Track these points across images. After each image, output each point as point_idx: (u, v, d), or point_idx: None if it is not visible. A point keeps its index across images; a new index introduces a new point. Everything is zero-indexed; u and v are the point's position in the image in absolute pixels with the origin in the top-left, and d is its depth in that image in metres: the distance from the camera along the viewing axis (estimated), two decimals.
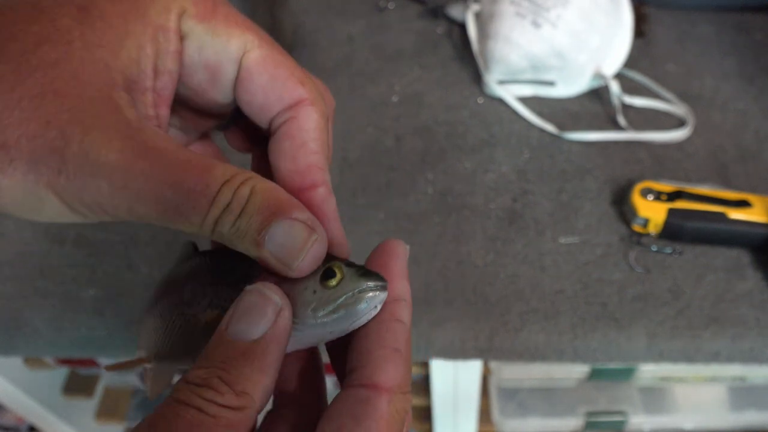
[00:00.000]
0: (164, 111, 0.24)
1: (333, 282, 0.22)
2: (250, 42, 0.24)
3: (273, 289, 0.22)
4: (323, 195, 0.25)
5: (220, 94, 0.25)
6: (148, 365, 0.28)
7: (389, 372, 0.21)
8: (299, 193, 0.24)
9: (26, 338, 0.48)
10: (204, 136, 0.30)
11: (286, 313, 0.22)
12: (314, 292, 0.22)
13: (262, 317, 0.21)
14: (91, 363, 0.77)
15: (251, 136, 0.29)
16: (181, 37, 0.23)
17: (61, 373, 0.85)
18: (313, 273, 0.23)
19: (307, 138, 0.25)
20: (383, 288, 0.23)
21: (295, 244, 0.22)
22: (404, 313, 0.23)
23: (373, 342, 0.22)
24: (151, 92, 0.23)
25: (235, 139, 0.30)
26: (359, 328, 0.23)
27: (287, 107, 0.25)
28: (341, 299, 0.22)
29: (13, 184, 0.20)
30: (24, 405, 0.77)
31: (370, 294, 0.22)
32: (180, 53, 0.23)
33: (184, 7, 0.23)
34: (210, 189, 0.21)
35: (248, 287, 0.22)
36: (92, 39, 0.21)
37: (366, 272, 0.23)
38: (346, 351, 0.23)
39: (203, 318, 0.24)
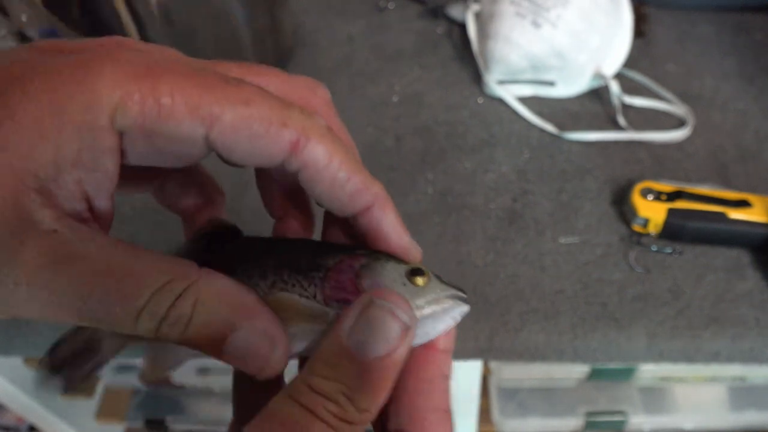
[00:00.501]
0: (104, 203, 0.21)
1: (421, 281, 0.22)
2: (214, 113, 0.20)
3: (402, 306, 0.21)
4: (378, 214, 0.24)
5: (195, 157, 0.23)
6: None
7: None
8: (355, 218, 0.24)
9: (26, 338, 0.48)
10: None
11: (412, 333, 0.21)
12: (404, 284, 0.22)
13: (389, 336, 0.20)
14: None
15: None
16: (120, 132, 0.20)
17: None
18: (399, 265, 0.22)
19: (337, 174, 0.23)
20: (466, 301, 0.22)
21: (259, 353, 0.21)
22: (451, 366, 0.24)
23: (426, 402, 0.22)
24: (79, 190, 0.20)
25: None
26: (408, 381, 0.22)
27: (288, 153, 0.22)
28: (430, 298, 0.22)
29: None
30: (24, 405, 0.77)
31: (458, 304, 0.22)
32: (118, 149, 0.20)
33: (116, 102, 0.19)
34: (133, 299, 0.19)
35: (375, 299, 0.21)
36: None
37: (448, 282, 0.22)
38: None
39: (267, 300, 0.23)
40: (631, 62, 0.63)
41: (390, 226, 0.24)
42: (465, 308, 0.22)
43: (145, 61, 0.20)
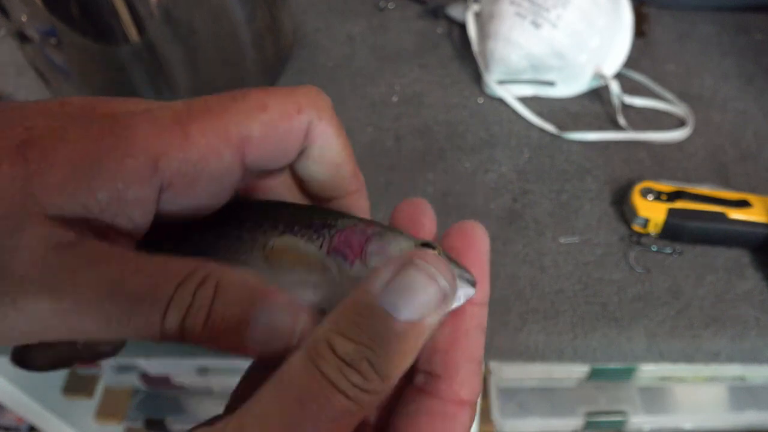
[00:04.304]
0: (127, 242, 0.21)
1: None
2: (243, 134, 0.21)
3: (443, 272, 0.20)
4: (359, 200, 0.25)
5: (231, 190, 0.23)
6: None
7: (474, 387, 0.21)
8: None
9: None
10: None
11: (449, 302, 0.20)
12: None
13: (426, 300, 0.19)
14: (91, 363, 0.77)
15: None
16: (159, 184, 0.20)
17: (61, 373, 0.85)
18: (410, 239, 0.23)
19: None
20: (473, 284, 0.22)
21: (285, 327, 0.20)
22: (486, 319, 0.23)
23: (462, 353, 0.22)
24: (104, 231, 0.21)
25: None
26: (446, 329, 0.22)
27: (303, 138, 0.24)
28: None
29: None
30: (24, 405, 0.77)
31: (465, 284, 0.22)
32: (154, 201, 0.21)
33: (155, 154, 0.20)
34: (163, 293, 0.19)
35: (416, 260, 0.19)
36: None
37: (455, 261, 0.22)
38: None
39: (273, 243, 0.23)
40: (631, 62, 0.63)
41: (365, 214, 0.26)
42: (471, 291, 0.22)
43: (169, 115, 0.21)
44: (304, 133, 0.23)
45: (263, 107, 0.21)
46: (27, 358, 0.23)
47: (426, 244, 0.23)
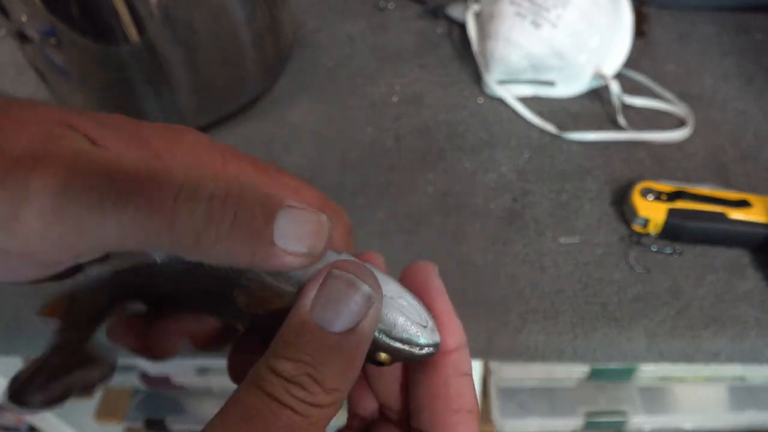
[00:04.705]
0: None
1: (381, 356, 0.21)
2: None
3: (361, 275, 0.20)
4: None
5: None
6: None
7: None
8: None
9: (26, 338, 0.48)
10: None
11: (378, 305, 0.20)
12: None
13: (353, 307, 0.19)
14: None
15: None
16: None
17: None
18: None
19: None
20: (432, 344, 0.22)
21: (311, 229, 0.19)
22: (467, 363, 0.22)
23: (445, 404, 0.21)
24: None
25: None
26: (424, 383, 0.22)
27: None
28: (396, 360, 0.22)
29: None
30: None
31: (422, 334, 0.22)
32: None
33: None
34: (172, 184, 0.18)
35: (334, 270, 0.19)
36: None
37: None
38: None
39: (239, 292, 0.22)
40: (631, 62, 0.63)
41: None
42: (433, 340, 0.22)
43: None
44: None
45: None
46: (23, 397, 0.23)
47: None
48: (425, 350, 0.22)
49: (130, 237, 0.18)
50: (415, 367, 0.23)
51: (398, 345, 0.21)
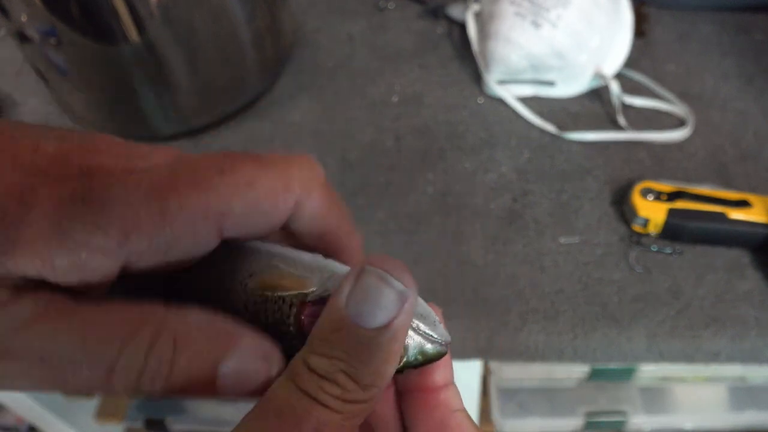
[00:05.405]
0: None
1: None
2: (223, 211, 0.20)
3: (395, 272, 0.20)
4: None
5: (205, 251, 0.22)
6: None
7: None
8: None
9: None
10: None
11: (411, 300, 0.20)
12: None
13: (387, 302, 0.19)
14: None
15: None
16: (126, 255, 0.19)
17: None
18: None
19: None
20: (448, 341, 0.22)
21: (257, 373, 0.20)
22: (458, 397, 0.23)
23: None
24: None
25: None
26: (419, 425, 0.22)
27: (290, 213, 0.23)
28: (411, 362, 0.21)
29: None
30: (24, 405, 0.77)
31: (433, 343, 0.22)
32: (118, 266, 0.20)
33: (127, 230, 0.19)
34: (103, 358, 0.18)
35: (367, 267, 0.20)
36: None
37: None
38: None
39: (257, 269, 0.23)
40: (631, 62, 0.63)
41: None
42: (444, 351, 0.22)
43: (151, 181, 0.19)
44: (289, 209, 0.22)
45: (250, 184, 0.21)
46: None
47: None
48: (444, 348, 0.22)
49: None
50: (409, 402, 0.24)
51: (427, 346, 0.22)
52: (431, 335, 0.22)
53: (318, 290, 0.22)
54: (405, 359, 0.21)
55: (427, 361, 0.22)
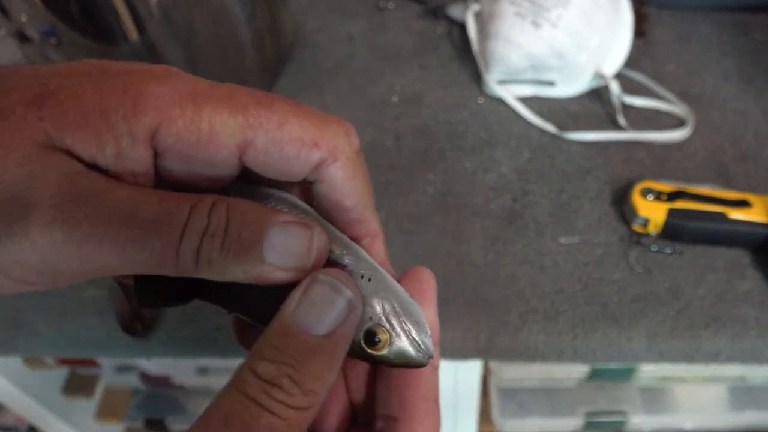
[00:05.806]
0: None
1: (380, 347, 0.22)
2: (248, 138, 0.21)
3: (345, 282, 0.21)
4: (365, 244, 0.25)
5: (228, 177, 0.23)
6: None
7: (430, 425, 0.22)
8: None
9: (26, 338, 0.48)
10: None
11: (359, 311, 0.21)
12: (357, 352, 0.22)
13: (334, 312, 0.20)
14: (91, 363, 0.77)
15: None
16: (155, 150, 0.20)
17: (61, 373, 0.85)
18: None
19: (342, 196, 0.24)
20: (431, 355, 0.22)
21: (301, 245, 0.20)
22: (437, 359, 0.24)
23: (416, 392, 0.23)
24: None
25: None
26: (398, 372, 0.23)
27: (311, 170, 0.23)
28: (390, 358, 0.22)
29: None
30: (24, 405, 0.77)
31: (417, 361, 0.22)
32: (151, 163, 0.21)
33: (157, 124, 0.20)
34: (178, 215, 0.19)
35: (319, 276, 0.20)
36: None
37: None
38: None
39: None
40: (631, 62, 0.63)
41: (381, 258, 0.26)
42: (426, 362, 0.23)
43: (188, 89, 0.20)
44: (312, 164, 0.22)
45: (281, 125, 0.21)
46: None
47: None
48: (426, 359, 0.22)
49: (132, 267, 0.19)
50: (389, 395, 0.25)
51: (411, 350, 0.22)
52: (418, 344, 0.22)
53: (333, 255, 0.22)
54: (386, 353, 0.22)
55: (405, 365, 0.22)
